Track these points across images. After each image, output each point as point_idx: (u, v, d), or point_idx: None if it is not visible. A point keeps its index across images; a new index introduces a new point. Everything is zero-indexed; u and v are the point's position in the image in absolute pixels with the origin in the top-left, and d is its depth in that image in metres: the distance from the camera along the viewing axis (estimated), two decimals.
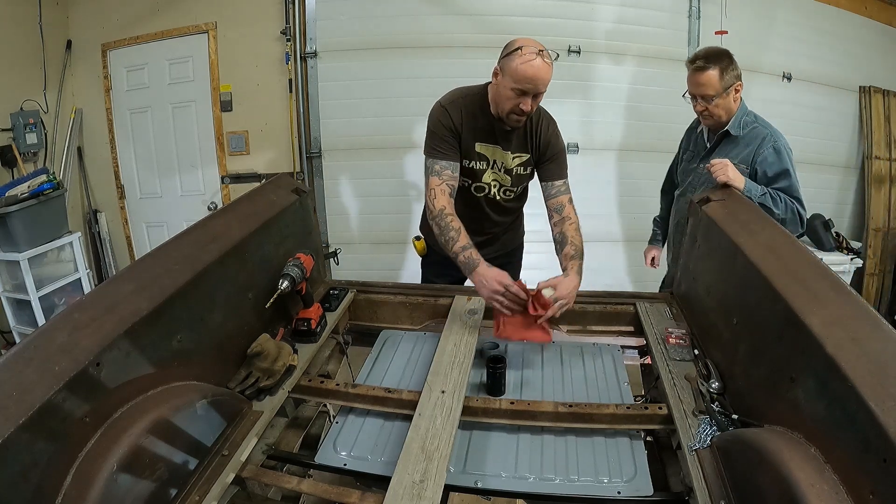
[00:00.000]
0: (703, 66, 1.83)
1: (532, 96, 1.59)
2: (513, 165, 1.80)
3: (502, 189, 1.86)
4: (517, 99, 1.59)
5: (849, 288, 1.10)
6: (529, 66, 1.53)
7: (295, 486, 1.16)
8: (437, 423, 1.21)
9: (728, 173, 1.71)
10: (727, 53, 1.86)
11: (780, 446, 0.94)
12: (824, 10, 3.58)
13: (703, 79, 1.84)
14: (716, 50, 1.87)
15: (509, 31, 3.35)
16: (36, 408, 0.82)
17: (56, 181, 3.06)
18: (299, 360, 1.48)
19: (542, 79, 1.56)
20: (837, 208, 3.89)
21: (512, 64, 1.56)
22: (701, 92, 1.86)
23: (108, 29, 3.53)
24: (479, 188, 1.85)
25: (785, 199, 1.78)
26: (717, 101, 1.86)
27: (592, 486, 1.17)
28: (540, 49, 1.55)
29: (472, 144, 1.76)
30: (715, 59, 1.83)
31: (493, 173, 1.82)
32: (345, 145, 3.53)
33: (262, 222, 1.56)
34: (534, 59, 1.53)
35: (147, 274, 1.20)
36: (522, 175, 1.84)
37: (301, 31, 3.38)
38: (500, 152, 1.78)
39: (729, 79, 1.84)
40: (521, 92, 1.57)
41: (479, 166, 1.80)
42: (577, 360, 1.62)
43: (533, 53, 1.53)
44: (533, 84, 1.56)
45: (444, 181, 1.70)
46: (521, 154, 1.80)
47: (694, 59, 1.88)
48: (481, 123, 1.73)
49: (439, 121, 1.72)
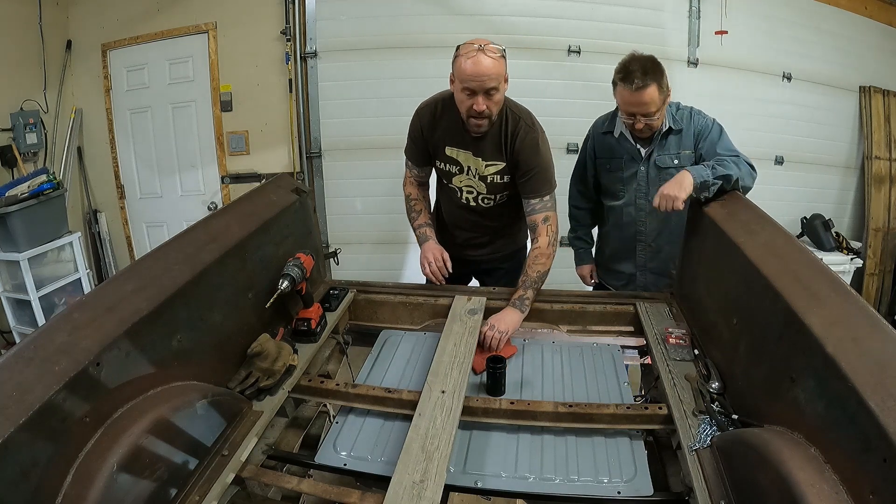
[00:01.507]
0: (644, 84, 1.66)
1: (484, 94, 1.56)
2: (487, 173, 1.76)
3: (479, 196, 1.83)
4: (469, 100, 1.58)
5: (849, 288, 1.10)
6: (470, 62, 1.52)
7: (295, 486, 1.15)
8: (437, 423, 1.21)
9: (679, 197, 1.56)
10: (657, 61, 1.70)
11: (781, 446, 0.94)
12: (824, 10, 3.58)
13: (645, 98, 1.68)
14: (648, 60, 1.69)
15: (509, 31, 3.40)
16: (36, 408, 0.82)
17: (56, 181, 3.07)
18: (299, 360, 1.48)
19: (484, 73, 1.52)
20: (837, 208, 3.89)
21: (456, 65, 1.57)
22: (644, 111, 1.71)
23: (108, 29, 3.53)
24: (452, 191, 1.87)
25: (730, 160, 1.66)
26: (658, 114, 1.74)
27: (592, 486, 1.17)
28: (481, 44, 1.52)
29: (441, 147, 1.77)
30: (653, 74, 1.67)
31: (467, 178, 1.80)
32: (345, 145, 3.53)
33: (262, 222, 1.57)
34: (473, 55, 1.51)
35: (147, 274, 1.20)
36: (499, 184, 1.78)
37: (301, 31, 3.38)
38: (472, 158, 1.76)
39: (665, 90, 1.71)
40: (471, 91, 1.56)
41: (451, 169, 1.80)
42: (577, 360, 1.62)
43: (473, 50, 1.52)
44: (477, 80, 1.53)
45: (412, 176, 1.93)
46: (495, 162, 1.74)
47: (628, 76, 1.68)
48: (453, 127, 1.73)
49: (413, 124, 1.83)
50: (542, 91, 3.39)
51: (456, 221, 1.99)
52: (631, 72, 1.67)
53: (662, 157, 1.84)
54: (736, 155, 1.69)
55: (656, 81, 1.67)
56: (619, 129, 1.90)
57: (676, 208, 1.59)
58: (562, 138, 3.50)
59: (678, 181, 1.60)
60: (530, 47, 3.39)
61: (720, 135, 1.77)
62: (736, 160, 1.65)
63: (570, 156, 3.44)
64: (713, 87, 3.41)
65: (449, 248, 2.00)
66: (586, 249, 2.25)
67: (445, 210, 2.01)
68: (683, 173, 1.61)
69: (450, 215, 2.00)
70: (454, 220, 1.99)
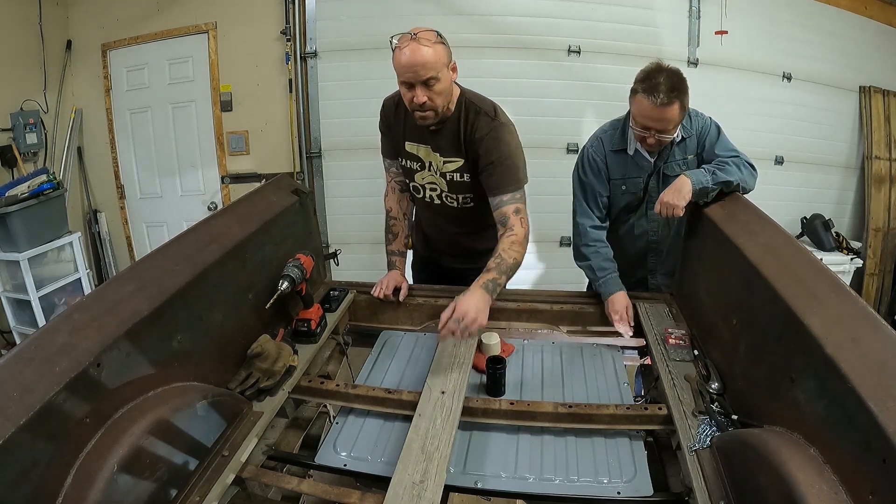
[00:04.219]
0: (668, 102, 1.54)
1: (422, 85, 1.46)
2: (446, 170, 1.68)
3: (443, 194, 1.75)
4: (409, 93, 1.49)
5: (848, 288, 1.10)
6: (401, 54, 1.43)
7: (295, 486, 1.16)
8: (437, 423, 1.21)
9: (678, 205, 1.55)
10: (683, 77, 1.58)
11: (780, 447, 0.94)
12: (824, 10, 3.58)
13: (667, 115, 1.56)
14: (675, 76, 1.57)
15: (509, 31, 3.40)
16: (36, 408, 0.82)
17: (56, 181, 3.07)
18: (299, 361, 1.48)
19: (418, 63, 1.42)
20: (837, 208, 3.89)
21: (393, 58, 1.47)
22: (661, 127, 1.59)
23: (108, 29, 3.53)
24: (416, 189, 1.79)
25: (729, 163, 1.63)
26: (674, 132, 1.64)
27: (592, 487, 1.17)
28: (414, 33, 1.43)
29: (401, 142, 1.72)
30: (678, 91, 1.55)
31: (429, 175, 1.72)
32: (345, 145, 3.53)
33: (262, 223, 1.57)
34: (405, 46, 1.42)
35: (147, 274, 1.20)
36: (459, 182, 1.68)
37: (301, 31, 3.38)
38: (432, 154, 1.68)
39: (686, 106, 1.61)
40: (408, 84, 1.48)
41: (412, 166, 1.74)
42: (577, 360, 1.62)
43: (406, 40, 1.43)
44: (412, 71, 1.44)
45: (392, 178, 1.87)
46: (453, 159, 1.65)
47: (654, 89, 1.54)
48: (412, 121, 1.62)
49: (380, 118, 1.78)
50: (542, 91, 3.39)
51: (431, 230, 1.97)
52: (657, 85, 1.54)
53: (670, 166, 1.78)
54: (736, 155, 1.67)
55: (680, 100, 1.56)
56: (634, 145, 1.76)
57: (676, 215, 1.58)
58: (561, 138, 3.51)
59: (677, 188, 1.59)
60: (530, 47, 3.39)
61: (718, 135, 1.75)
62: (736, 161, 1.64)
63: (570, 156, 3.45)
64: (713, 87, 3.40)
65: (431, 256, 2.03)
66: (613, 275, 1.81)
67: (421, 217, 1.98)
68: (682, 180, 1.59)
69: (426, 223, 1.97)
70: (429, 227, 1.97)
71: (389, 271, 1.88)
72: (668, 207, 1.58)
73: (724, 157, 1.66)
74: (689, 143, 1.80)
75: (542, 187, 2.84)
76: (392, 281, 1.83)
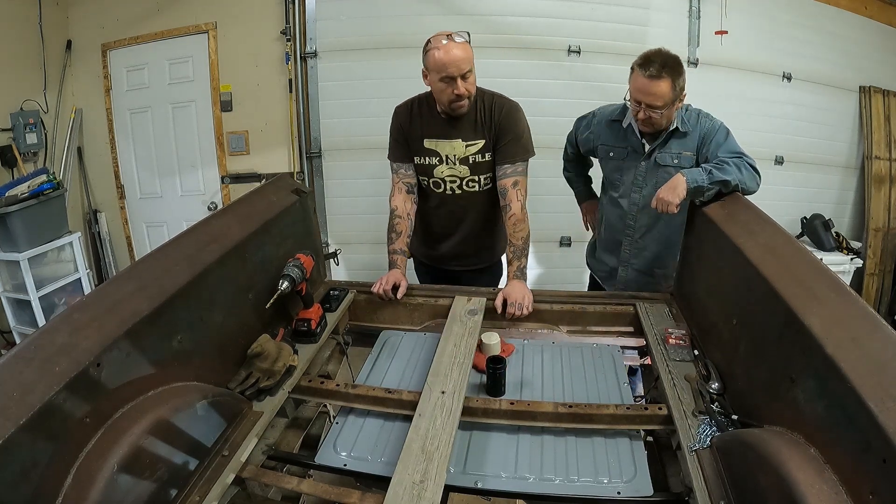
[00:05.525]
0: (657, 76, 1.65)
1: (461, 78, 1.66)
2: (468, 154, 1.84)
3: (464, 181, 1.89)
4: (448, 87, 1.68)
5: (848, 288, 1.10)
6: (442, 52, 1.63)
7: (295, 486, 1.16)
8: (437, 423, 1.22)
9: (673, 202, 1.60)
10: (679, 62, 1.70)
11: (780, 447, 0.94)
12: (824, 10, 3.58)
13: (655, 88, 1.66)
14: (671, 57, 1.69)
15: (509, 31, 3.40)
16: (36, 408, 0.82)
17: (56, 181, 3.06)
18: (299, 361, 1.48)
19: (458, 58, 1.63)
20: (837, 208, 3.89)
21: (428, 59, 1.67)
22: (649, 101, 1.69)
23: (108, 29, 3.53)
24: (436, 184, 1.92)
25: (729, 162, 1.65)
26: (663, 111, 1.72)
27: (592, 487, 1.17)
28: (447, 34, 1.64)
29: (420, 141, 1.86)
30: (670, 70, 1.66)
31: (448, 168, 1.87)
32: (345, 145, 3.53)
33: (262, 223, 1.57)
34: (443, 44, 1.62)
35: (147, 274, 1.20)
36: (482, 162, 1.86)
37: (301, 31, 3.38)
38: (450, 145, 1.84)
39: (678, 90, 1.70)
40: (449, 78, 1.66)
41: (431, 162, 1.87)
42: (577, 360, 1.62)
43: (441, 40, 1.63)
44: (454, 66, 1.64)
45: (400, 179, 1.94)
46: (475, 141, 1.83)
47: (646, 63, 1.67)
48: (430, 121, 1.84)
49: (392, 124, 1.92)
50: (542, 91, 3.39)
51: (441, 228, 2.04)
52: (650, 61, 1.68)
53: (663, 155, 1.83)
54: (739, 157, 1.68)
55: (671, 78, 1.66)
56: (629, 120, 1.89)
57: (670, 212, 1.63)
58: (561, 138, 3.47)
59: (672, 185, 1.62)
60: (530, 47, 3.39)
61: (726, 137, 1.77)
62: (738, 162, 1.64)
63: None
64: (713, 87, 3.40)
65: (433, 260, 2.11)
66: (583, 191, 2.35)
67: (432, 218, 2.04)
68: (677, 177, 1.62)
69: (436, 224, 2.04)
70: (440, 226, 2.03)
71: (390, 269, 1.89)
72: (662, 203, 1.63)
73: (726, 157, 1.68)
74: (689, 140, 1.81)
75: (542, 187, 2.84)
76: (392, 278, 1.85)
